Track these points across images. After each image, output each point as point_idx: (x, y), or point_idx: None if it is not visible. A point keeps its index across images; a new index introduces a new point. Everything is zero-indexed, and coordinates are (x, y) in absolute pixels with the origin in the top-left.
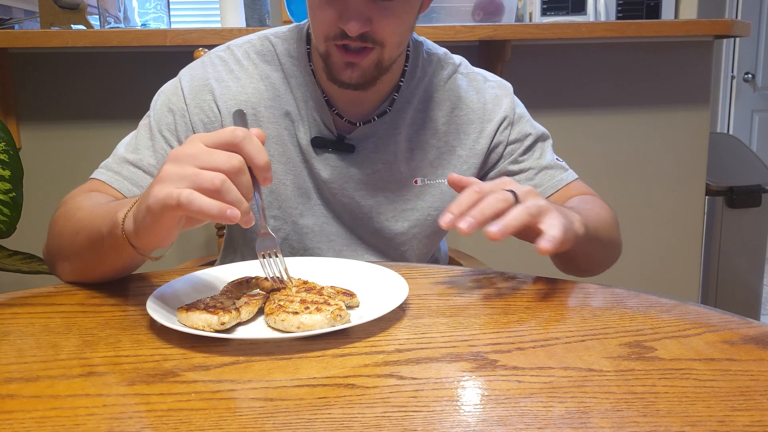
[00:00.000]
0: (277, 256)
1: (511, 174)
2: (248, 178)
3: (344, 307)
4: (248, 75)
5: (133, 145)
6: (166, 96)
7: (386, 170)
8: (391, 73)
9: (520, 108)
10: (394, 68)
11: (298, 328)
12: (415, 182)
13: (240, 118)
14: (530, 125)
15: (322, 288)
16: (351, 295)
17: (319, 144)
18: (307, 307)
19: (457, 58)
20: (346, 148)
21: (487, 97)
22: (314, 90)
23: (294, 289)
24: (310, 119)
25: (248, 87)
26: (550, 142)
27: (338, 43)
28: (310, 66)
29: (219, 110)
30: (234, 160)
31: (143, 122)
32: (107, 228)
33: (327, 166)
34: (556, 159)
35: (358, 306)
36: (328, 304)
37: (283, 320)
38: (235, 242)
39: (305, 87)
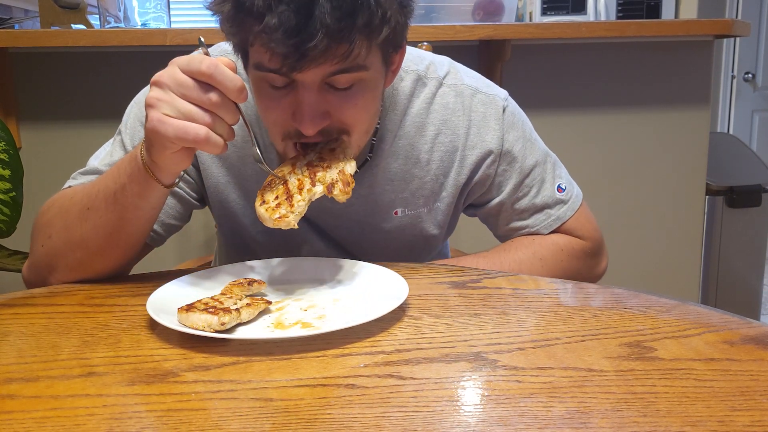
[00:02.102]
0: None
1: (507, 213)
2: (230, 107)
3: (299, 213)
4: None
5: (107, 161)
6: (138, 108)
7: (362, 204)
8: None
9: (513, 133)
10: None
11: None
12: (395, 213)
13: (202, 46)
14: (525, 151)
15: (321, 176)
16: (348, 182)
17: None
18: (277, 197)
19: (442, 68)
20: None
21: (473, 117)
22: None
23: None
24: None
25: None
26: (550, 164)
27: (298, 141)
28: None
29: None
30: (213, 97)
31: (116, 139)
32: (127, 172)
33: None
34: (558, 186)
35: (353, 181)
36: (290, 204)
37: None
38: (224, 251)
39: None
